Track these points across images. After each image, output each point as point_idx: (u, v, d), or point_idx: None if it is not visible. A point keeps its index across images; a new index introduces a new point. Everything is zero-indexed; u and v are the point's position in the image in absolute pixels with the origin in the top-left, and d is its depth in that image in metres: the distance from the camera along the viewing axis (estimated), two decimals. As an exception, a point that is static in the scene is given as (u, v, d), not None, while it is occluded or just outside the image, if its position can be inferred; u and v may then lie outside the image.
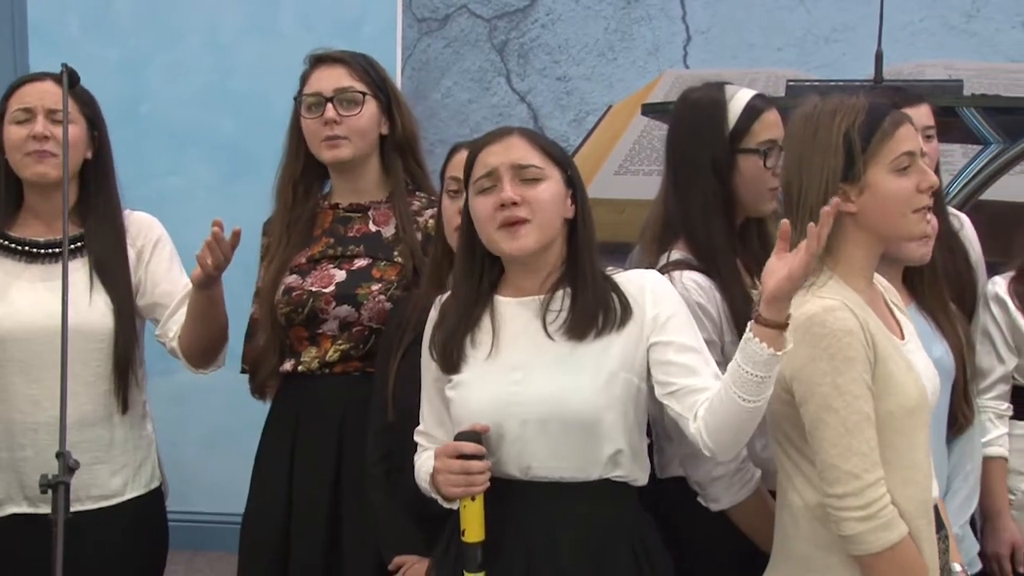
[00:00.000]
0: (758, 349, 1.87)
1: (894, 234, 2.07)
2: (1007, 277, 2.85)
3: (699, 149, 2.35)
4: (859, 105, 2.02)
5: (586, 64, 4.79)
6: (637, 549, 2.07)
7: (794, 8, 4.51)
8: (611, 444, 2.05)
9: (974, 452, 2.62)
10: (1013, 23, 4.28)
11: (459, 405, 2.11)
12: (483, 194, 2.09)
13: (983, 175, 3.39)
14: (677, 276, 2.28)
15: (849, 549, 1.96)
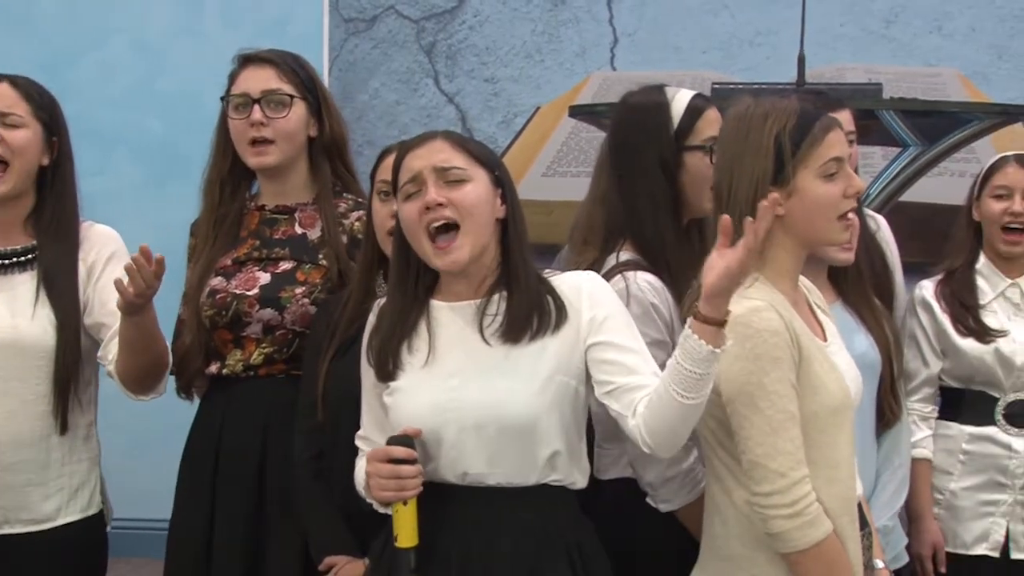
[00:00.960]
0: (697, 346, 1.87)
1: (818, 238, 2.09)
2: (935, 281, 2.90)
3: (646, 149, 2.37)
4: (790, 109, 2.05)
5: (514, 66, 4.80)
6: (573, 554, 2.07)
7: (718, 12, 4.56)
8: (548, 446, 2.05)
9: (902, 447, 2.66)
10: (930, 28, 4.37)
11: (396, 412, 2.10)
12: (409, 200, 2.08)
13: (902, 177, 3.46)
14: (631, 277, 2.29)
15: (776, 547, 1.99)
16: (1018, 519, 2.80)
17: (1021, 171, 2.81)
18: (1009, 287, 2.85)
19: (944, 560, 2.83)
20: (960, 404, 2.86)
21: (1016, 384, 2.80)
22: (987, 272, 2.86)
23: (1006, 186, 2.81)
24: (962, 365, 2.83)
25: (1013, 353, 2.79)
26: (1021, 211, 2.79)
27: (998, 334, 2.79)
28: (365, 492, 2.12)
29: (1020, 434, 2.80)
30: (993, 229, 2.83)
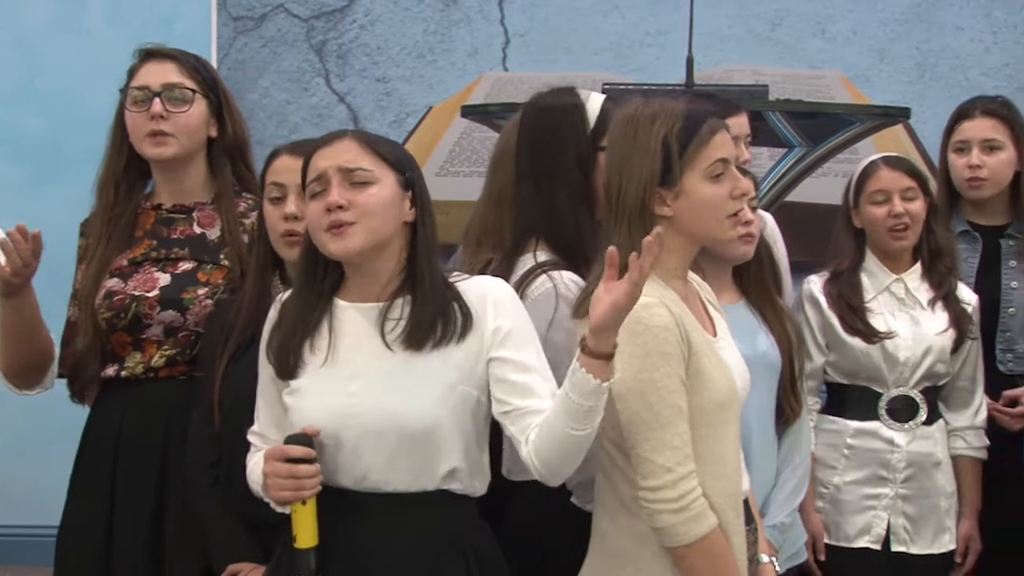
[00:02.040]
0: (585, 379, 1.87)
1: (707, 238, 2.11)
2: (823, 277, 2.95)
3: (563, 150, 2.37)
4: (678, 111, 2.06)
5: (406, 65, 4.79)
6: (471, 560, 2.07)
7: (608, 13, 4.60)
8: (447, 462, 2.04)
9: (802, 445, 2.68)
10: (813, 31, 4.46)
11: (296, 413, 2.07)
12: (314, 199, 2.05)
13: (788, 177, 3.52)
14: (557, 276, 2.29)
15: (662, 541, 2.00)
16: (899, 512, 2.86)
17: (893, 173, 2.87)
18: (894, 282, 2.91)
19: (823, 550, 2.88)
20: (845, 399, 2.92)
21: (899, 379, 2.86)
22: (874, 269, 2.92)
23: (882, 190, 2.87)
24: (847, 360, 2.89)
25: (896, 348, 2.85)
26: (902, 212, 2.85)
27: (884, 335, 2.85)
28: (262, 491, 2.09)
29: (902, 429, 2.86)
30: (879, 233, 2.89)
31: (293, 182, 2.35)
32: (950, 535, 2.90)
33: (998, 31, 4.36)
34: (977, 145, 3.07)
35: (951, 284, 2.90)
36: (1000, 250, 3.11)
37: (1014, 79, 4.29)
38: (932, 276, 2.89)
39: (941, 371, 2.87)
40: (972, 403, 2.94)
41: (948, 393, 2.94)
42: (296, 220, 2.35)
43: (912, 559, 2.85)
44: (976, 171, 3.06)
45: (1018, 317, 3.05)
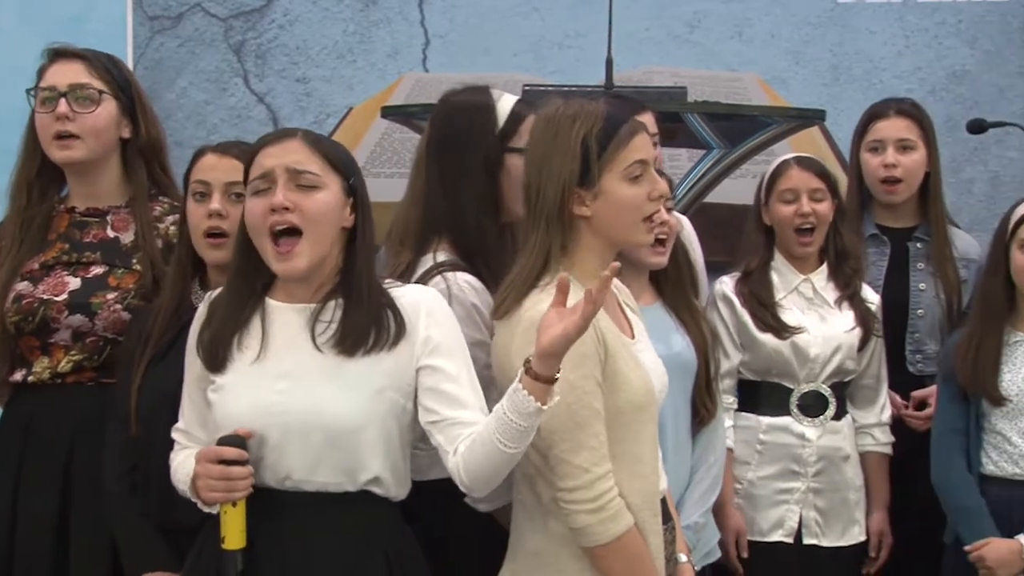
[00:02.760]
0: (525, 401, 1.88)
1: (624, 240, 2.13)
2: (734, 277, 2.99)
3: (471, 148, 2.37)
4: (598, 112, 2.07)
5: (326, 66, 4.76)
6: (392, 560, 2.07)
7: (528, 15, 4.61)
8: (371, 468, 2.04)
9: (716, 445, 2.72)
10: (731, 34, 4.52)
11: (221, 409, 2.06)
12: (257, 196, 2.04)
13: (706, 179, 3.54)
14: (452, 277, 2.29)
15: (579, 541, 2.01)
16: (810, 505, 2.91)
17: (803, 173, 2.92)
18: (802, 283, 2.96)
19: (746, 546, 2.92)
20: (757, 396, 2.96)
21: (809, 375, 2.91)
22: (782, 269, 2.96)
23: (792, 189, 2.91)
24: (760, 358, 2.93)
25: (807, 345, 2.90)
26: (809, 212, 2.90)
27: (796, 331, 2.90)
28: (189, 490, 2.08)
29: (812, 424, 2.91)
30: (786, 232, 2.94)
31: (219, 181, 2.35)
32: (859, 527, 2.95)
33: (910, 35, 4.44)
34: (892, 144, 3.12)
35: (856, 285, 2.95)
36: (908, 253, 3.16)
37: (925, 82, 4.38)
38: (838, 277, 2.95)
39: (849, 367, 2.93)
40: (878, 400, 3.00)
41: (854, 391, 2.99)
42: (220, 218, 2.33)
43: (823, 551, 2.90)
44: (891, 170, 3.11)
45: (927, 319, 3.11)
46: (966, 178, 4.33)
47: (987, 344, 2.79)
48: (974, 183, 4.36)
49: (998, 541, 2.72)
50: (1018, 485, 2.76)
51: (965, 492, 2.78)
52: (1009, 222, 2.79)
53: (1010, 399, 2.76)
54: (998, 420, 2.78)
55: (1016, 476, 2.76)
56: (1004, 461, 2.78)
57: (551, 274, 2.05)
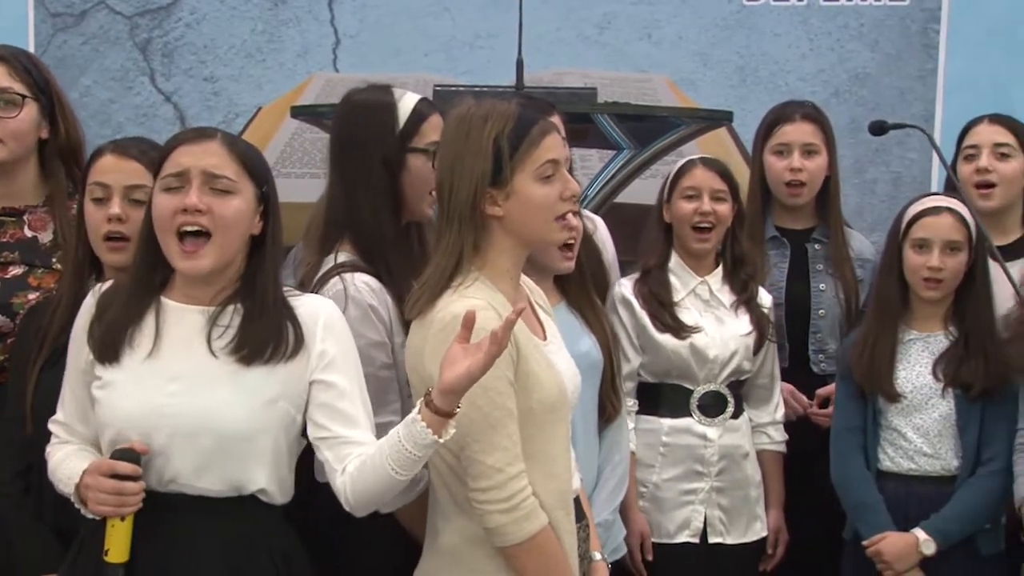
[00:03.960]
0: (423, 433, 1.90)
1: (536, 239, 2.14)
2: (632, 279, 3.02)
3: (370, 148, 2.35)
4: (509, 112, 2.08)
5: (234, 65, 4.71)
6: (278, 562, 2.07)
7: (439, 15, 4.61)
8: (256, 479, 2.04)
9: (622, 442, 2.74)
10: (640, 36, 4.55)
11: (107, 408, 2.03)
12: (167, 192, 2.01)
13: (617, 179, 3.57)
14: (349, 278, 2.27)
15: (493, 541, 2.02)
16: (714, 504, 2.95)
17: (707, 173, 2.97)
18: (699, 285, 3.00)
19: (651, 549, 2.95)
20: (658, 398, 2.99)
21: (708, 376, 2.95)
22: (679, 271, 3.00)
23: (695, 187, 2.95)
24: (660, 360, 2.96)
25: (706, 347, 2.93)
26: (709, 211, 2.94)
27: (693, 330, 2.93)
28: (73, 494, 2.05)
29: (713, 423, 2.96)
30: (684, 228, 2.97)
31: (119, 184, 2.32)
32: (760, 523, 3.00)
33: (814, 38, 4.52)
34: (798, 149, 3.17)
35: (752, 290, 3.00)
36: (807, 254, 3.22)
37: (829, 84, 4.46)
38: (734, 282, 2.99)
39: (746, 367, 2.98)
40: (772, 400, 3.05)
41: (749, 391, 3.04)
42: (120, 222, 2.30)
43: (728, 549, 2.95)
44: (797, 174, 3.17)
45: (827, 319, 3.17)
46: (869, 179, 4.43)
47: (882, 342, 2.85)
48: (877, 184, 4.46)
49: (895, 535, 2.78)
50: (913, 480, 2.82)
51: (863, 488, 2.84)
52: (902, 222, 2.86)
53: (905, 396, 2.83)
54: (894, 417, 2.84)
55: (911, 471, 2.83)
56: (900, 457, 2.84)
57: (464, 274, 2.06)
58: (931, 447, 2.81)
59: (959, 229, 2.78)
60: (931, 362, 2.83)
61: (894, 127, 3.04)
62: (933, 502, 2.79)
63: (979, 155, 3.09)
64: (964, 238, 2.78)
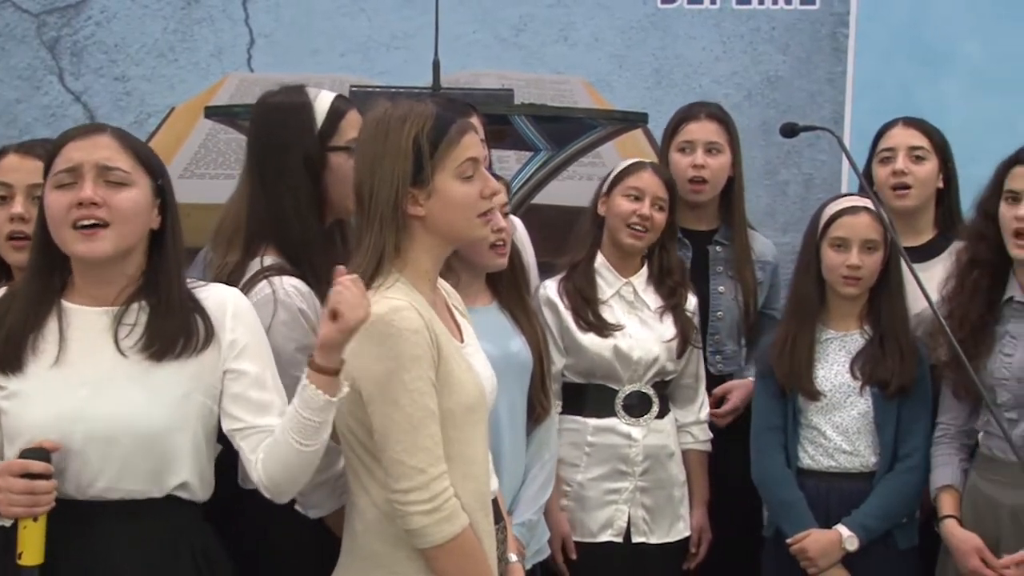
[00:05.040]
0: (314, 396, 1.91)
1: (460, 237, 2.14)
2: (557, 280, 3.02)
3: (290, 149, 2.33)
4: (427, 112, 2.08)
5: (146, 64, 4.64)
6: (200, 561, 2.06)
7: (355, 15, 4.58)
8: (179, 474, 2.02)
9: (551, 442, 2.76)
10: (556, 38, 4.57)
11: (15, 418, 1.99)
12: (60, 189, 1.97)
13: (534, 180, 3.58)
14: (277, 282, 2.26)
15: (414, 542, 2.02)
16: (638, 504, 2.96)
17: (655, 179, 2.98)
18: (624, 286, 3.02)
19: (573, 548, 2.96)
20: (583, 398, 3.00)
21: (632, 377, 2.97)
22: (604, 271, 3.02)
23: (639, 189, 2.96)
24: (584, 360, 2.97)
25: (630, 348, 2.95)
26: (648, 215, 2.95)
27: (615, 328, 2.95)
28: None
29: (637, 423, 2.98)
30: (618, 224, 2.98)
31: (22, 183, 2.30)
32: (684, 523, 3.02)
33: (727, 41, 4.58)
34: (701, 146, 3.21)
35: (680, 296, 3.02)
36: (708, 256, 3.25)
37: (742, 87, 4.52)
38: (661, 289, 3.02)
39: (670, 368, 3.00)
40: (696, 399, 3.08)
41: (674, 390, 3.06)
42: (23, 221, 2.27)
43: (651, 548, 2.96)
44: (699, 171, 3.20)
45: (725, 320, 3.20)
46: (781, 180, 4.49)
47: (801, 341, 2.89)
48: (788, 185, 4.52)
49: (818, 532, 2.82)
50: (834, 477, 2.87)
51: (784, 486, 2.88)
52: (819, 222, 2.90)
53: (824, 394, 2.87)
54: (813, 415, 2.89)
55: (832, 468, 2.87)
56: (820, 455, 2.88)
57: (384, 275, 2.05)
58: (850, 444, 2.86)
59: (876, 228, 2.83)
60: (848, 361, 2.88)
61: (804, 129, 3.08)
62: (853, 498, 2.84)
63: (895, 158, 3.15)
64: (880, 237, 2.83)
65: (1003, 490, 2.68)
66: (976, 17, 4.42)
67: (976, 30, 4.41)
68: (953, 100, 4.30)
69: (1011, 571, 2.62)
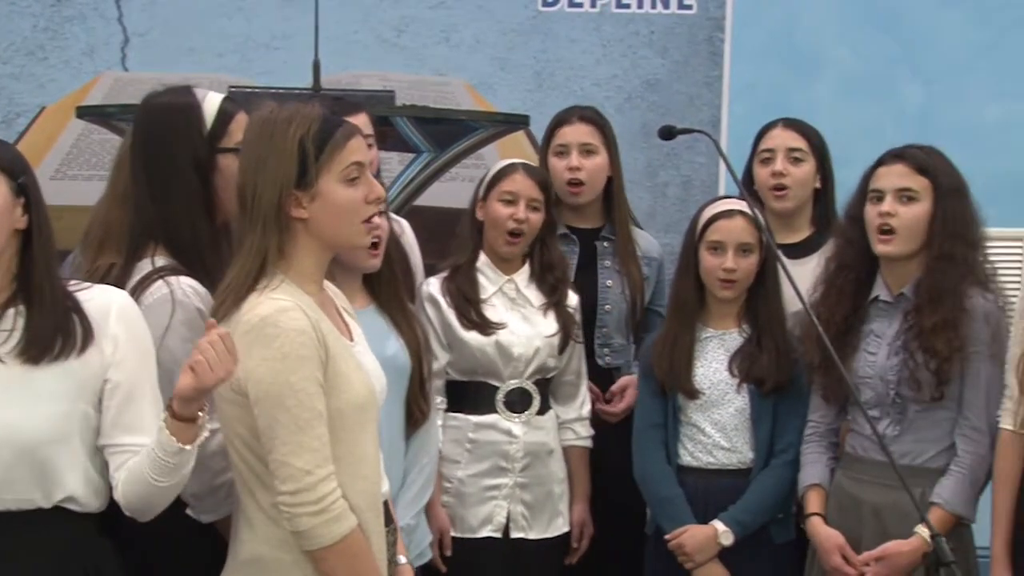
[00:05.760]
0: (168, 441, 1.92)
1: (341, 242, 2.13)
2: (440, 277, 3.04)
3: (179, 150, 2.31)
4: (314, 114, 2.06)
5: (14, 63, 4.51)
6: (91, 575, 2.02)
7: (233, 15, 4.52)
8: (66, 483, 1.99)
9: (430, 446, 2.77)
10: (438, 39, 4.57)
11: None
12: None
13: (417, 182, 3.58)
14: (174, 282, 2.23)
15: (302, 544, 2.00)
16: (517, 500, 2.99)
17: (527, 180, 3.01)
18: (506, 283, 3.04)
19: (449, 544, 2.97)
20: (465, 395, 3.02)
21: (513, 373, 3.00)
22: (487, 270, 3.04)
23: (512, 192, 2.99)
24: (466, 357, 2.99)
25: (511, 344, 2.98)
26: (524, 219, 2.98)
27: (498, 326, 2.98)
28: None
29: (518, 420, 3.00)
30: (497, 232, 3.01)
31: None
32: (563, 519, 3.06)
33: (607, 44, 4.62)
34: (576, 149, 3.25)
35: (562, 293, 3.06)
36: (596, 251, 3.30)
37: (622, 90, 4.57)
38: (542, 284, 3.05)
39: (551, 365, 3.03)
40: (578, 396, 3.12)
41: (556, 387, 3.10)
42: None
43: (530, 544, 3.00)
44: (575, 173, 3.24)
45: (613, 314, 3.26)
46: (660, 182, 4.55)
47: (681, 341, 2.94)
48: (668, 186, 4.59)
49: (695, 528, 2.88)
50: (712, 474, 2.93)
51: (664, 483, 2.93)
52: (698, 224, 2.96)
53: (703, 392, 2.93)
54: (693, 413, 2.94)
55: (711, 465, 2.93)
56: (699, 452, 2.94)
57: (269, 276, 2.04)
58: (728, 441, 2.92)
59: (751, 231, 2.89)
60: (727, 359, 2.94)
61: (682, 132, 3.13)
62: (731, 494, 2.90)
63: (774, 159, 3.22)
64: (755, 240, 2.90)
65: (866, 488, 2.76)
66: (846, 24, 4.54)
67: (846, 36, 4.54)
68: (825, 104, 4.42)
69: (870, 568, 2.71)
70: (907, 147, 2.78)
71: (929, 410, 2.72)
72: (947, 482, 2.69)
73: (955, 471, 2.70)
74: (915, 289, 2.73)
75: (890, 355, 2.74)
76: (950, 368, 2.67)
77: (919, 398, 2.70)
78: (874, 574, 2.71)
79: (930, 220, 2.71)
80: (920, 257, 2.74)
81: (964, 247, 2.71)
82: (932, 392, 2.68)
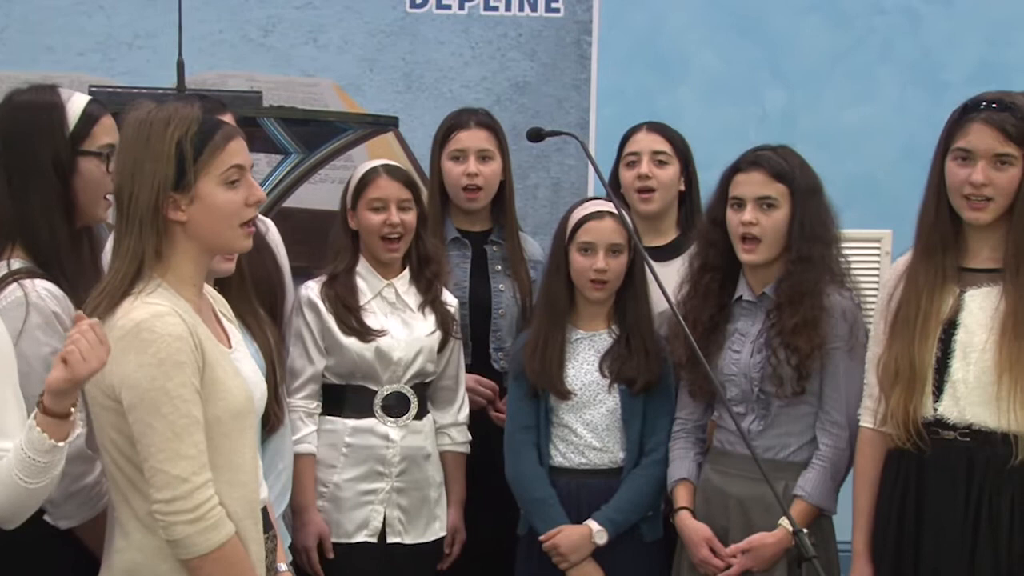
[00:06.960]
0: (40, 439, 1.88)
1: (221, 245, 2.12)
2: (319, 282, 3.02)
3: (38, 150, 2.28)
4: (193, 116, 2.04)
5: None
6: None
7: (93, 13, 4.41)
8: None
9: (285, 451, 2.75)
10: (305, 40, 4.53)
11: None
12: None
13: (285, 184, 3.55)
14: (29, 285, 2.19)
15: (177, 553, 1.98)
16: (394, 505, 3.00)
17: (392, 183, 3.01)
18: (386, 287, 3.04)
19: (331, 548, 2.96)
20: (342, 399, 3.01)
21: (392, 377, 3.00)
22: (366, 274, 3.03)
23: (380, 199, 2.99)
24: (345, 362, 2.98)
25: (391, 349, 2.98)
26: (398, 222, 2.99)
27: (378, 334, 2.97)
28: None
29: (396, 424, 3.00)
30: (373, 239, 3.01)
31: None
32: (439, 523, 3.08)
33: (476, 46, 4.63)
34: (473, 154, 3.27)
35: (437, 289, 3.07)
36: (487, 255, 3.32)
37: (491, 92, 4.58)
38: (419, 282, 3.05)
39: (430, 369, 3.04)
40: (456, 401, 3.14)
41: (434, 392, 3.11)
42: None
43: (406, 548, 3.01)
44: (473, 179, 3.26)
45: (506, 318, 3.29)
46: (531, 184, 4.58)
47: (552, 342, 2.98)
48: (538, 188, 4.62)
49: (569, 528, 2.91)
50: (584, 474, 2.97)
51: (537, 484, 2.96)
52: (567, 226, 3.00)
53: (575, 393, 2.97)
54: (565, 414, 2.98)
55: (583, 466, 2.97)
56: (571, 452, 2.98)
57: (145, 280, 2.01)
58: (600, 441, 2.96)
59: (620, 232, 2.94)
60: (597, 360, 2.98)
61: (550, 134, 3.17)
62: (603, 494, 2.94)
63: (639, 162, 3.28)
64: (625, 240, 2.94)
65: (732, 482, 2.84)
66: (710, 29, 4.63)
67: (710, 41, 4.63)
68: (689, 107, 4.49)
69: (737, 559, 2.78)
70: (762, 150, 2.84)
71: (791, 405, 2.80)
72: (809, 475, 2.78)
73: (816, 464, 2.78)
74: (776, 289, 2.81)
75: (753, 353, 2.81)
76: (810, 364, 2.75)
77: (781, 394, 2.78)
78: (740, 566, 2.77)
79: (789, 224, 2.79)
80: (780, 259, 2.81)
81: (821, 247, 2.80)
82: (793, 387, 2.76)
